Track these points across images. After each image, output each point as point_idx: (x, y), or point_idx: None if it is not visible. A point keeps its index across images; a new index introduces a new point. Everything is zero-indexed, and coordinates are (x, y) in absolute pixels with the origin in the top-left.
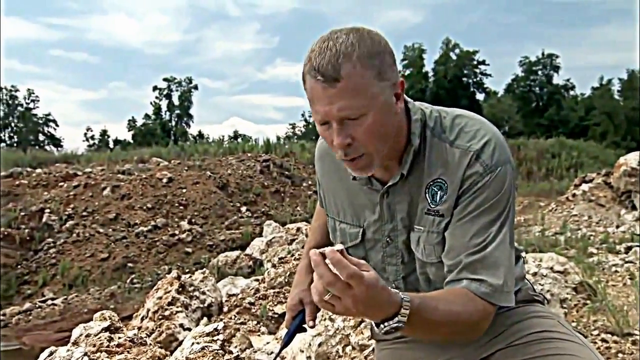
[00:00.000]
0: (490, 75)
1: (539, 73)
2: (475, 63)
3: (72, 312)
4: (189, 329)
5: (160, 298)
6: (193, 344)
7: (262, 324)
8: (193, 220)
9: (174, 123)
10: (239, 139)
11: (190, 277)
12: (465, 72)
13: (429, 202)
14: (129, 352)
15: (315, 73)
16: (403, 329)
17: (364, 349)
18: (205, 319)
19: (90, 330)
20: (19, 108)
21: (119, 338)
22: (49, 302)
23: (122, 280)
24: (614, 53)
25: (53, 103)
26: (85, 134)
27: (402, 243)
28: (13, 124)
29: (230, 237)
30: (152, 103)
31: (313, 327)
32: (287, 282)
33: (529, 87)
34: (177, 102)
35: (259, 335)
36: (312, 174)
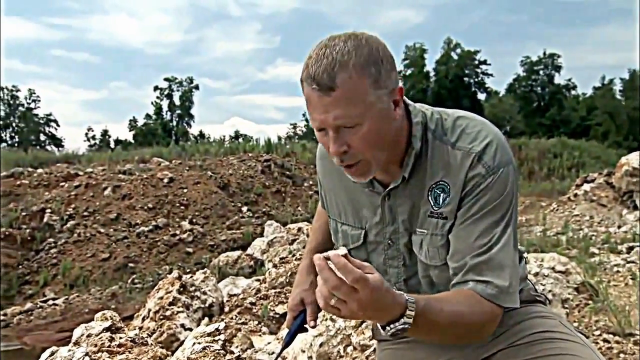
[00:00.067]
0: (492, 75)
1: (541, 73)
2: (477, 63)
3: (73, 312)
4: (190, 329)
5: (162, 298)
6: (194, 344)
7: (263, 324)
8: (194, 220)
9: (175, 123)
10: (240, 139)
11: (192, 277)
12: (467, 71)
13: (432, 204)
14: (130, 352)
15: (311, 81)
16: (409, 331)
17: (365, 349)
18: (207, 319)
19: (92, 331)
20: (20, 108)
21: (120, 338)
22: (50, 302)
23: (123, 281)
24: (616, 53)
25: (54, 103)
26: (87, 134)
27: (403, 246)
28: (14, 124)
29: (232, 237)
30: (153, 103)
31: (314, 327)
32: (288, 282)
33: (531, 87)
34: (178, 102)
35: (260, 336)
36: (313, 174)
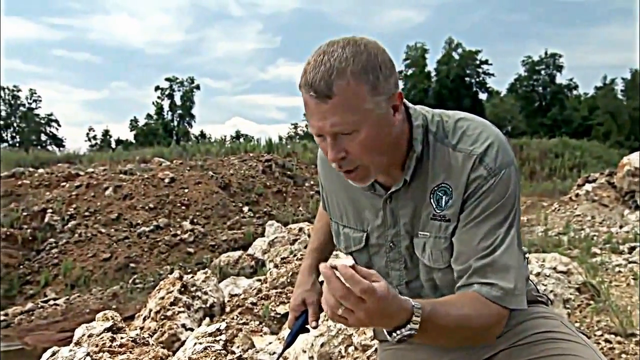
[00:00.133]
0: (493, 75)
1: (542, 73)
2: (478, 63)
3: (74, 312)
4: (191, 329)
5: (163, 298)
6: (196, 344)
7: (264, 324)
8: (195, 221)
9: (176, 123)
10: (241, 139)
11: (193, 277)
12: (468, 71)
13: (435, 207)
14: (132, 352)
15: (309, 89)
16: (415, 336)
17: (367, 350)
18: (208, 319)
19: (93, 331)
20: (21, 108)
21: (122, 338)
22: (51, 302)
23: (124, 281)
24: (618, 52)
25: (55, 103)
26: (88, 134)
27: (405, 248)
28: (15, 124)
29: (233, 237)
30: (154, 103)
31: (316, 327)
32: (289, 282)
33: (532, 86)
34: (179, 102)
35: (262, 336)
36: (314, 174)
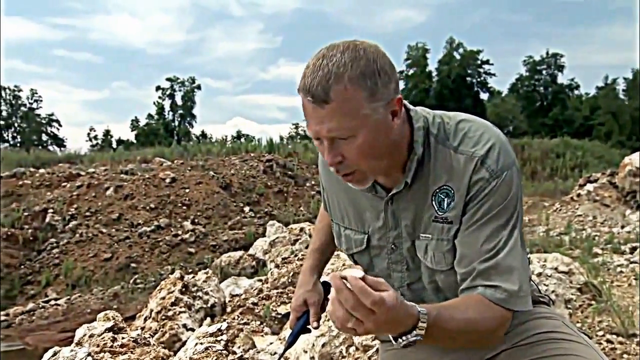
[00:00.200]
0: (494, 75)
1: (544, 72)
2: (479, 62)
3: (75, 312)
4: (192, 330)
5: (164, 298)
6: (197, 344)
7: (265, 325)
8: (196, 221)
9: (177, 123)
10: (242, 139)
11: (194, 277)
12: (469, 71)
13: (436, 209)
14: (133, 352)
15: (306, 93)
16: (421, 341)
17: (368, 350)
18: (209, 320)
19: (94, 331)
20: (22, 108)
21: (123, 338)
22: (52, 302)
23: (125, 281)
24: (619, 52)
25: (56, 103)
26: (89, 134)
27: (406, 250)
28: (16, 124)
29: (234, 237)
30: (155, 103)
31: (317, 327)
32: (290, 282)
33: (533, 86)
34: (180, 102)
35: (263, 336)
36: (315, 174)
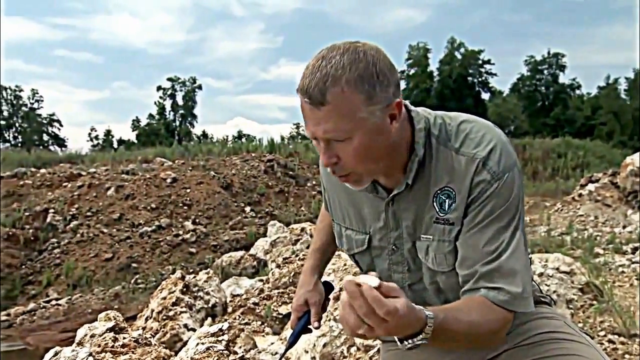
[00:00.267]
0: (496, 75)
1: (545, 72)
2: (481, 62)
3: (76, 312)
4: (193, 330)
5: (165, 298)
6: (198, 344)
7: (266, 325)
8: (197, 221)
9: (178, 123)
10: (243, 139)
11: (195, 277)
12: (471, 71)
13: (438, 210)
14: (134, 352)
15: (304, 94)
16: (425, 343)
17: (369, 350)
18: (210, 320)
19: (95, 331)
20: (23, 108)
21: (124, 338)
22: (53, 302)
23: (126, 281)
24: (621, 52)
25: (57, 103)
26: (90, 134)
27: (407, 251)
28: (17, 124)
29: (234, 237)
30: (156, 103)
31: (318, 327)
32: (291, 282)
33: (535, 86)
34: (181, 102)
35: (264, 336)
36: (316, 174)
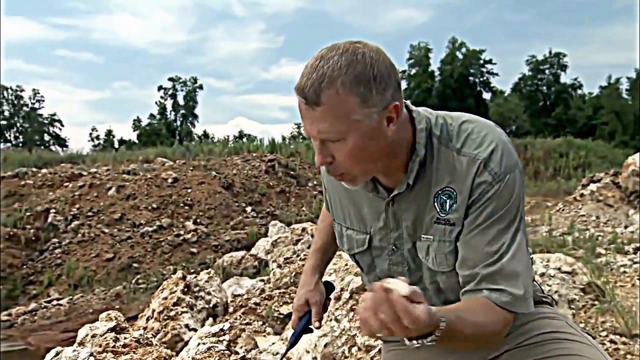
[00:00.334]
0: (497, 75)
1: (546, 72)
2: (482, 62)
3: (77, 312)
4: (195, 330)
5: (166, 298)
6: (199, 345)
7: (267, 325)
8: (198, 221)
9: (179, 123)
10: (244, 139)
11: (196, 277)
12: (472, 71)
13: (438, 211)
14: (135, 352)
15: (300, 94)
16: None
17: (370, 350)
18: (211, 320)
19: (96, 331)
20: (25, 108)
21: (125, 338)
22: (55, 302)
23: (127, 281)
24: (623, 52)
25: (58, 103)
26: (91, 134)
27: (407, 251)
28: (18, 124)
29: (236, 237)
30: (157, 103)
31: (319, 327)
32: (292, 282)
33: (536, 86)
34: (182, 101)
35: (265, 336)
36: (317, 174)
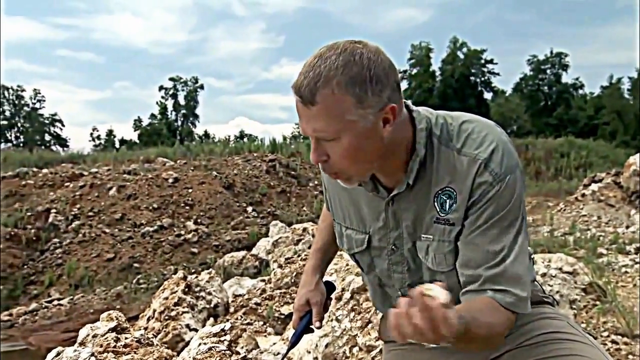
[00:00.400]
0: (498, 74)
1: (548, 72)
2: (483, 62)
3: (78, 312)
4: (195, 330)
5: (167, 298)
6: (200, 345)
7: (268, 325)
8: (199, 221)
9: (180, 123)
10: (245, 139)
11: (197, 277)
12: (473, 71)
13: (438, 210)
14: (136, 352)
15: (296, 92)
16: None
17: (371, 350)
18: (212, 320)
19: (97, 331)
20: (25, 108)
21: (126, 338)
22: (55, 302)
23: (128, 281)
24: (624, 51)
25: (59, 103)
26: (91, 134)
27: (407, 251)
28: (19, 124)
29: (236, 237)
30: (158, 103)
31: (320, 327)
32: (293, 282)
33: (538, 86)
34: (183, 101)
35: (266, 336)
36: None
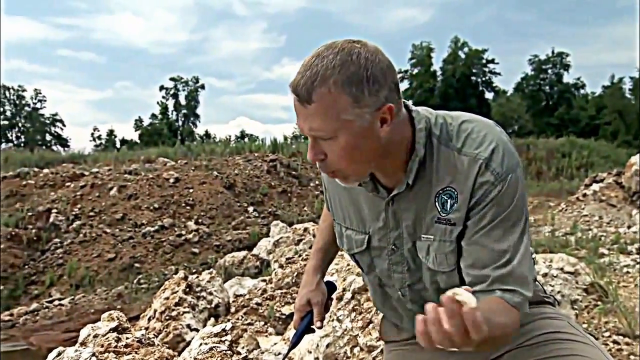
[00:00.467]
0: (500, 74)
1: (549, 72)
2: (484, 62)
3: (79, 312)
4: (196, 330)
5: (168, 298)
6: (201, 345)
7: (269, 325)
8: (200, 221)
9: (181, 123)
10: (246, 139)
11: (197, 277)
12: (474, 70)
13: (439, 210)
14: (137, 352)
15: (293, 91)
16: None
17: (372, 350)
18: (213, 320)
19: (98, 331)
20: (26, 108)
21: (127, 338)
22: (56, 302)
23: (129, 281)
24: (625, 51)
25: (60, 103)
26: (92, 134)
27: (407, 251)
28: (20, 124)
29: (237, 237)
30: (158, 103)
31: (321, 327)
32: (294, 282)
33: (539, 85)
34: (183, 101)
35: (267, 336)
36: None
